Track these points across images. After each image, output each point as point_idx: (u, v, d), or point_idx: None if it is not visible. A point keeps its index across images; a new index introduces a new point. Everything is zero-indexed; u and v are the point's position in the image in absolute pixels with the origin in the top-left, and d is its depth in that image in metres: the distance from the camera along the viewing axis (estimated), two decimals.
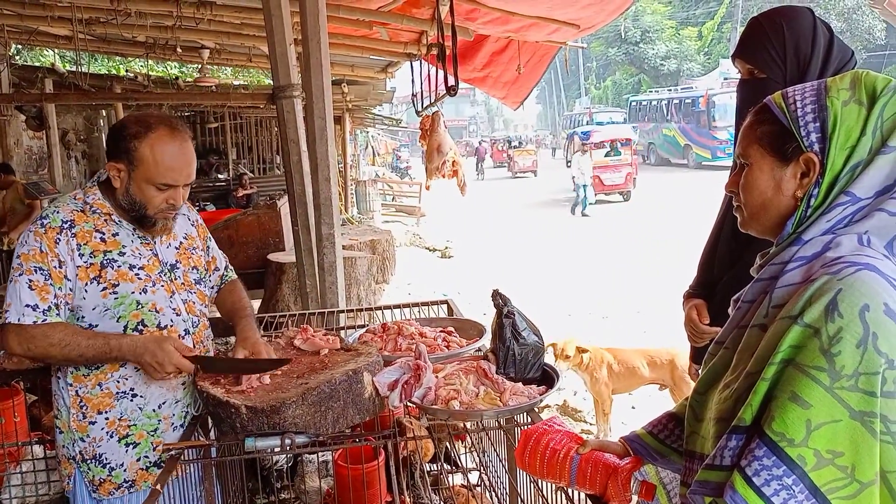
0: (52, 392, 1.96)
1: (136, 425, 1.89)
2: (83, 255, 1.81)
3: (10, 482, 2.53)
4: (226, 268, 2.24)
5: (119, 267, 1.85)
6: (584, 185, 17.73)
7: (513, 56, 5.56)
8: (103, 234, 1.86)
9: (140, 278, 1.88)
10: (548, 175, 29.01)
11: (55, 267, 1.78)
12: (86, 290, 1.81)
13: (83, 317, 1.83)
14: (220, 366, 1.83)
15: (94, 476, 1.88)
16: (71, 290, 1.81)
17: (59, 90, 8.55)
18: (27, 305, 1.75)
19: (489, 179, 31.02)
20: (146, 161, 1.79)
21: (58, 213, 1.83)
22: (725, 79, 28.20)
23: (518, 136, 37.30)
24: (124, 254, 1.87)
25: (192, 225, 2.12)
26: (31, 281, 1.75)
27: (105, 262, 1.83)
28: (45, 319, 1.76)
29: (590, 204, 17.77)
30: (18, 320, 1.74)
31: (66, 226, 1.81)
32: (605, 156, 19.52)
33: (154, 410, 1.91)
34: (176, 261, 2.00)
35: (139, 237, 1.92)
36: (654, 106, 30.72)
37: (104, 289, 1.82)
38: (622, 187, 19.54)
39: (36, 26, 6.33)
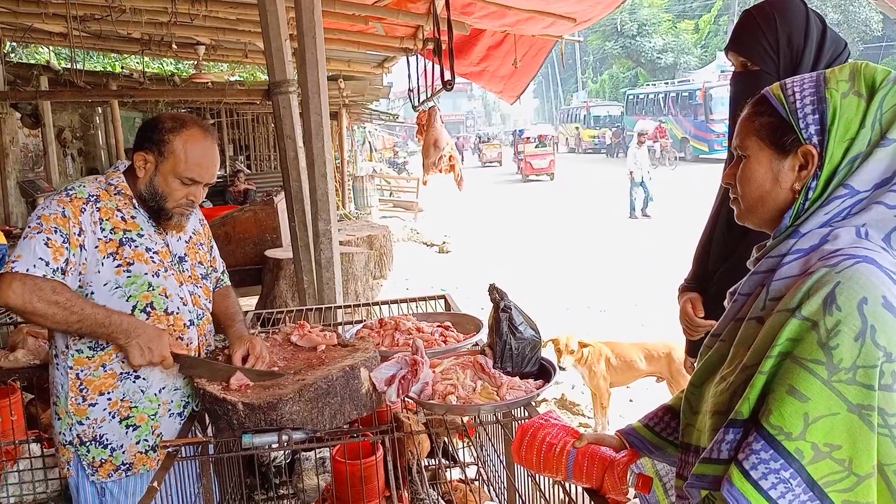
0: (49, 383, 1.97)
1: (137, 407, 1.91)
2: (104, 229, 1.85)
3: (8, 480, 2.53)
4: (222, 272, 2.30)
5: (136, 247, 1.90)
6: (641, 183, 14.75)
7: (509, 50, 5.56)
8: (123, 214, 1.91)
9: (154, 262, 1.92)
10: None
11: (75, 233, 1.79)
12: (101, 264, 1.84)
13: (92, 293, 1.84)
14: (203, 371, 1.83)
15: (93, 458, 1.89)
16: (86, 260, 1.82)
17: (55, 88, 8.51)
18: (40, 258, 1.74)
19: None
20: (176, 154, 1.87)
21: (84, 186, 1.88)
22: (722, 71, 28.18)
23: (487, 133, 43.93)
24: (142, 236, 1.92)
25: (200, 223, 2.19)
26: (48, 239, 1.75)
27: (124, 239, 1.88)
28: (54, 278, 1.75)
29: (650, 202, 14.87)
30: (27, 270, 1.72)
31: (91, 199, 1.86)
32: (535, 147, 26.05)
33: (155, 394, 1.94)
34: (185, 254, 2.06)
35: (153, 225, 1.97)
36: (652, 99, 30.73)
37: (119, 265, 1.85)
38: (547, 170, 25.55)
39: (31, 23, 6.29)
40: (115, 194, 1.92)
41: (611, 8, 4.95)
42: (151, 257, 1.92)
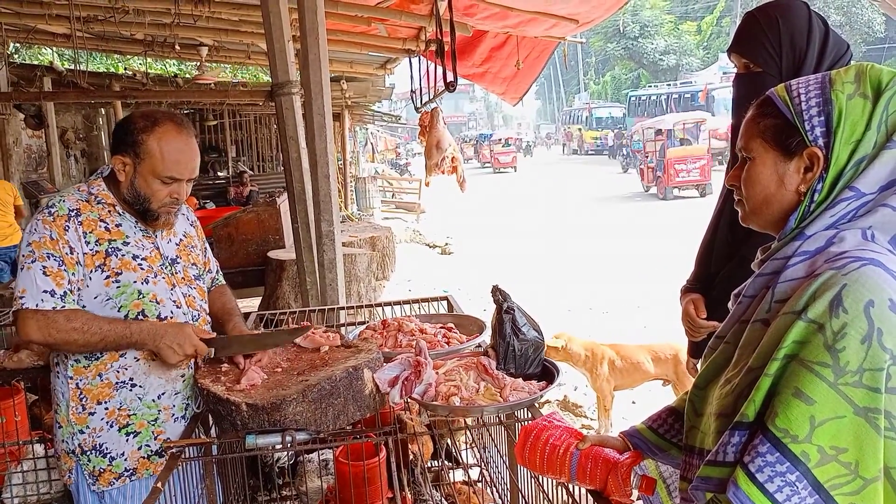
0: (51, 389, 1.97)
1: (135, 415, 1.91)
2: (89, 242, 1.84)
3: (12, 481, 2.53)
4: (217, 272, 2.29)
5: (123, 256, 1.87)
6: None
7: (511, 51, 5.56)
8: (107, 223, 1.89)
9: (142, 268, 1.90)
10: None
11: (67, 253, 1.79)
12: (90, 278, 1.83)
13: (84, 306, 1.83)
14: (237, 347, 1.84)
15: (93, 467, 1.89)
16: (82, 276, 1.82)
17: (58, 88, 8.53)
18: (45, 291, 1.74)
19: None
20: (153, 154, 1.83)
21: (64, 201, 1.86)
22: (724, 73, 28.21)
23: (467, 136, 50.79)
24: (128, 244, 1.90)
25: (192, 226, 2.17)
26: (45, 267, 1.76)
27: (110, 250, 1.86)
28: (63, 305, 1.76)
29: None
30: (37, 306, 1.73)
31: (72, 214, 1.84)
32: (502, 147, 33.75)
33: (153, 400, 1.93)
34: (176, 256, 2.04)
35: (141, 230, 1.95)
36: (654, 100, 30.75)
37: (107, 277, 1.84)
38: (511, 164, 33.17)
39: (34, 24, 6.31)
40: (96, 204, 1.89)
41: (613, 10, 4.95)
42: (139, 264, 1.90)
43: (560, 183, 25.17)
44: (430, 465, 2.37)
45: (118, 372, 1.88)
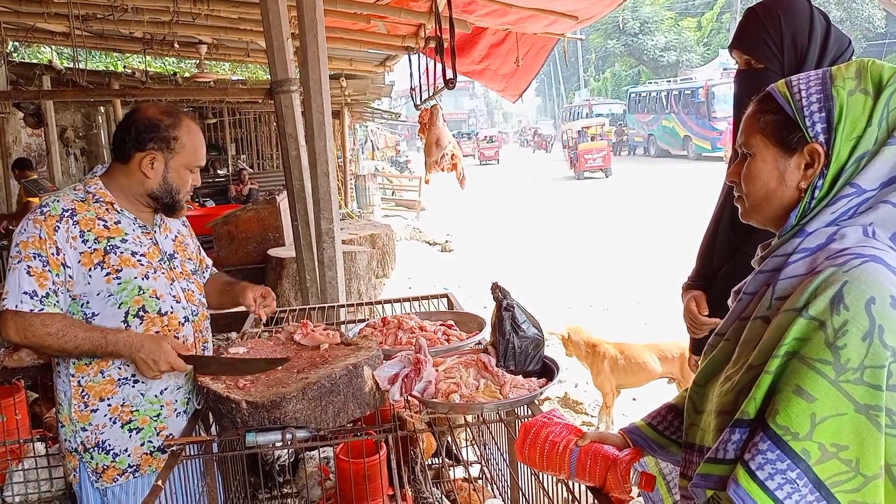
0: (53, 388, 1.98)
1: (138, 410, 1.92)
2: (87, 241, 1.84)
3: (13, 479, 2.54)
4: (212, 265, 2.36)
5: (122, 253, 1.89)
6: None
7: (511, 48, 5.55)
8: (105, 221, 1.90)
9: (142, 264, 1.92)
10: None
11: (53, 254, 1.79)
12: (90, 276, 1.84)
13: (88, 302, 1.85)
14: (216, 367, 1.83)
15: (97, 464, 1.90)
16: (71, 277, 1.82)
17: (57, 87, 8.53)
18: (25, 293, 1.76)
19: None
20: (186, 146, 1.93)
21: (58, 202, 1.86)
22: (725, 69, 28.09)
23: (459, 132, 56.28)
24: (126, 240, 1.92)
25: (183, 224, 2.21)
26: (29, 267, 1.77)
27: (108, 247, 1.87)
28: (43, 308, 1.77)
29: None
30: (16, 307, 1.76)
31: (66, 214, 1.84)
32: (486, 143, 38.78)
33: (156, 396, 1.94)
34: (174, 251, 2.06)
35: (140, 226, 1.97)
36: (654, 97, 30.67)
37: (108, 274, 1.85)
38: (494, 157, 38.13)
39: (33, 23, 6.31)
40: (94, 202, 1.90)
41: (612, 6, 4.94)
42: (139, 260, 1.92)
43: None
44: (430, 462, 2.37)
45: (120, 369, 1.89)
